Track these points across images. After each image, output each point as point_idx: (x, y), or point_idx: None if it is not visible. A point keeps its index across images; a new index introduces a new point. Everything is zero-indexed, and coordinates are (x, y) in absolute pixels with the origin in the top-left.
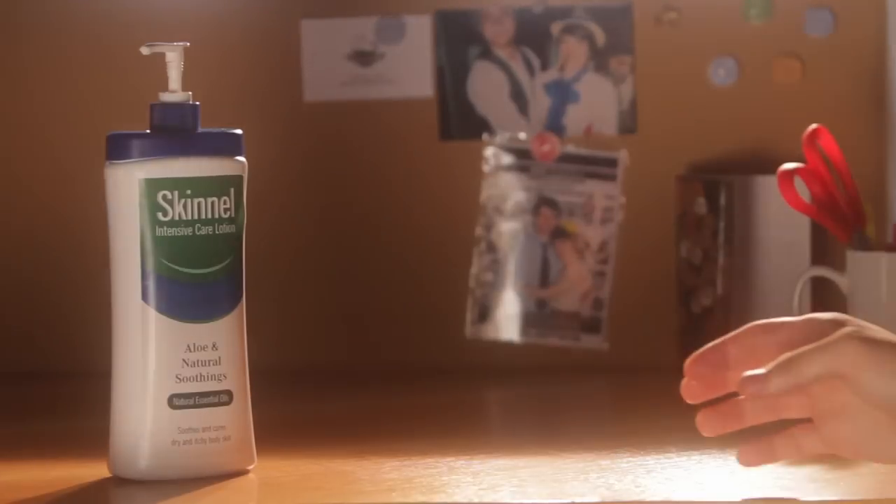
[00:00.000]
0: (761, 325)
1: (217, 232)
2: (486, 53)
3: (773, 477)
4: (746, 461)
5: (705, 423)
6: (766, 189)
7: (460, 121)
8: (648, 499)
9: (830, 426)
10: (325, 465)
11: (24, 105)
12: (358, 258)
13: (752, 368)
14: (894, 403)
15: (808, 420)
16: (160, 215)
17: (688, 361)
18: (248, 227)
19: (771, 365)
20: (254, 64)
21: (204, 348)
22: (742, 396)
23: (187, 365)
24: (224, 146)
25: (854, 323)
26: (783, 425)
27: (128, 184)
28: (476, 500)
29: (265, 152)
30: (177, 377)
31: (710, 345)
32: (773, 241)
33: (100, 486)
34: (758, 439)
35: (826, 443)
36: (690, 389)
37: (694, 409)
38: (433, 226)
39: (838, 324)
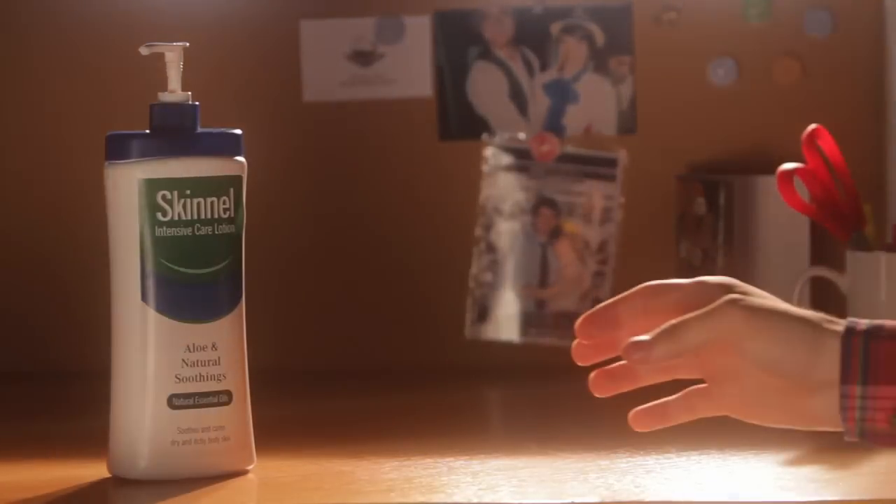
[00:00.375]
0: (652, 287)
1: (217, 232)
2: (486, 53)
3: (773, 477)
4: (640, 425)
5: (598, 385)
6: (766, 189)
7: (460, 121)
8: (648, 499)
9: (720, 388)
10: (325, 465)
11: (24, 105)
12: (357, 258)
13: (643, 329)
14: (775, 368)
15: (701, 381)
16: (160, 215)
17: (578, 322)
18: (248, 227)
19: (655, 332)
20: (254, 64)
21: (203, 348)
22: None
23: (187, 365)
24: (224, 146)
25: (740, 289)
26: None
27: (127, 184)
28: (475, 501)
29: (265, 152)
30: (176, 377)
31: (600, 305)
32: (772, 241)
33: (100, 486)
34: (651, 403)
35: (717, 405)
36: (581, 350)
37: None
38: (433, 226)
39: (726, 288)
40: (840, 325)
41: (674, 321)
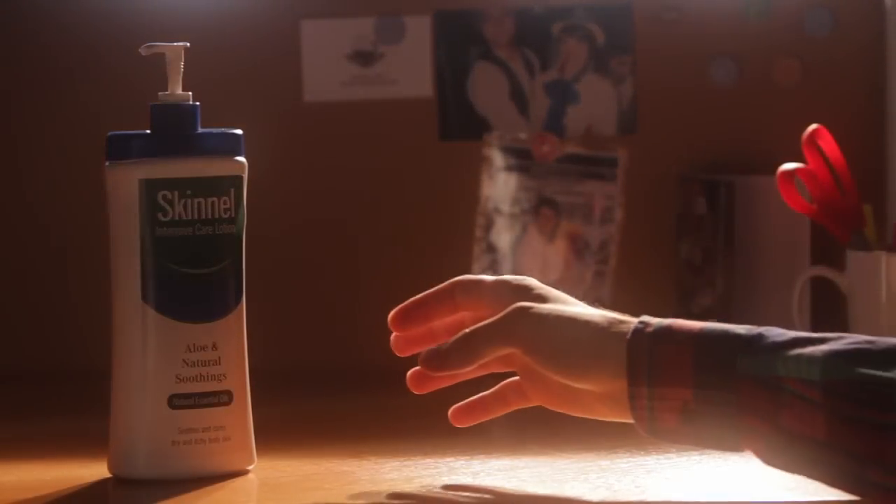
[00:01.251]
0: (461, 282)
1: (217, 232)
2: (486, 53)
3: (774, 476)
4: (460, 421)
5: (415, 383)
6: (766, 189)
7: (460, 121)
8: (648, 499)
9: (528, 382)
10: (325, 465)
11: (25, 105)
12: (358, 258)
13: (453, 322)
14: (562, 372)
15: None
16: (160, 215)
17: (391, 315)
18: (248, 226)
19: (450, 341)
20: (254, 64)
21: (204, 348)
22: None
23: (187, 365)
24: (224, 146)
25: (535, 292)
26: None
27: (128, 184)
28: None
29: (265, 152)
30: (177, 377)
31: (413, 299)
32: (773, 241)
33: (100, 486)
34: (469, 399)
35: (528, 398)
36: (398, 342)
37: None
38: (433, 226)
39: (522, 290)
40: (630, 325)
41: (467, 330)
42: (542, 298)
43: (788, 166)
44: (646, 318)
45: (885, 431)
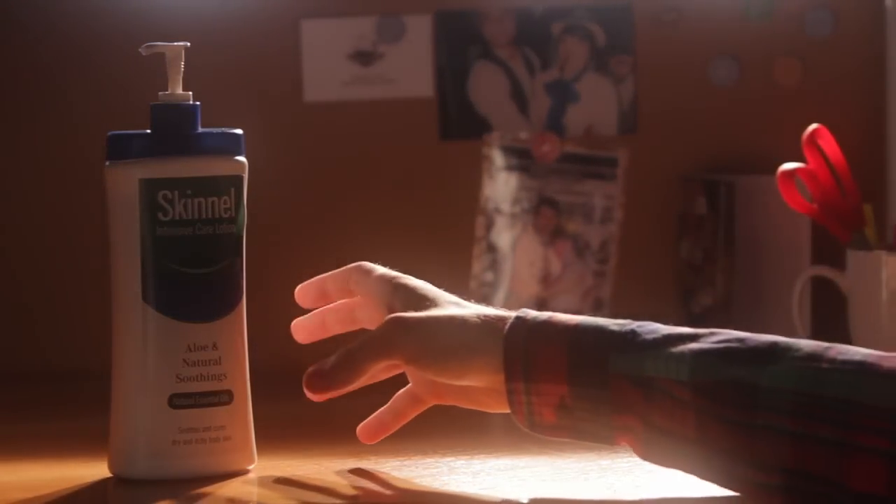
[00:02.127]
0: (355, 269)
1: (217, 232)
2: (486, 53)
3: None
4: (367, 438)
5: (314, 392)
6: (766, 189)
7: (460, 121)
8: (648, 499)
9: (419, 388)
10: (325, 465)
11: (24, 105)
12: (358, 258)
13: (347, 306)
14: (441, 375)
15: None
16: (160, 215)
17: (296, 291)
18: (249, 226)
19: (331, 360)
20: (254, 64)
21: (204, 348)
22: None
23: (187, 365)
24: (224, 146)
25: (409, 292)
26: None
27: (127, 184)
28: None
29: (265, 152)
30: (177, 377)
31: (313, 279)
32: (773, 241)
33: (100, 486)
34: (371, 417)
35: (422, 400)
36: (297, 330)
37: None
38: (433, 226)
39: (399, 290)
40: (507, 320)
41: (349, 346)
42: (419, 299)
43: (789, 166)
44: (524, 311)
45: (752, 430)
